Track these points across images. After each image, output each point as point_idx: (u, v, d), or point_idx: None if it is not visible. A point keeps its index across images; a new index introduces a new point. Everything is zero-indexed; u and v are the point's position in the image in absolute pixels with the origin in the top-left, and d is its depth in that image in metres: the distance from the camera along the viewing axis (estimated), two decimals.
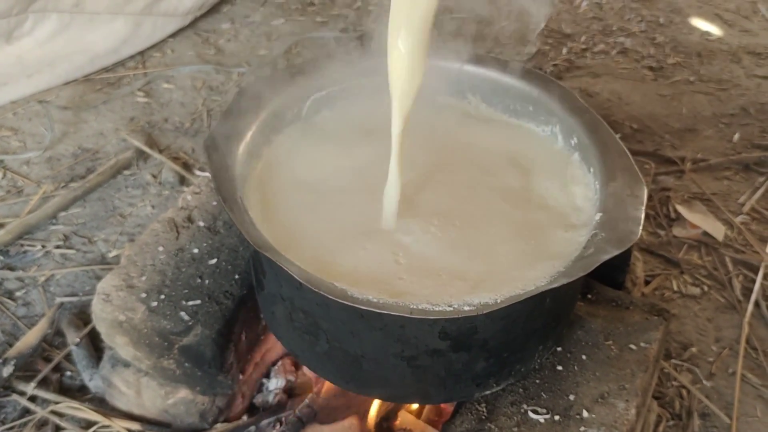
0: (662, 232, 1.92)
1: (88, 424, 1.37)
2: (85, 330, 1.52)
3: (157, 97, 2.39)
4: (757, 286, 1.74)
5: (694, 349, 1.61)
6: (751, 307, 1.70)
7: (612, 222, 0.98)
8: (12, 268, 1.75)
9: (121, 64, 2.53)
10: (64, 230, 1.86)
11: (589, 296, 1.28)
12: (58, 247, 1.81)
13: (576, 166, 1.17)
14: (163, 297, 1.25)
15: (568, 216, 1.09)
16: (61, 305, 1.62)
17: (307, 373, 1.43)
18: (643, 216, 0.97)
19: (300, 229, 1.04)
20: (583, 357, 1.15)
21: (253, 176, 1.13)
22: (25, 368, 1.47)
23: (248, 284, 1.27)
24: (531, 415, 1.06)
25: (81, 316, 1.58)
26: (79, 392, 1.46)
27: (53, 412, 1.40)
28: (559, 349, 1.15)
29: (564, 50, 2.74)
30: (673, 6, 3.07)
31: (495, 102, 1.29)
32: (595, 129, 1.15)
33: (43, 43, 2.29)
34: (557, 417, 1.06)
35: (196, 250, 1.33)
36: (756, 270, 1.79)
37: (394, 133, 1.01)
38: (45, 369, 1.48)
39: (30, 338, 1.50)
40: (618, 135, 1.12)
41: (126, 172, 2.06)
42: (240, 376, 1.32)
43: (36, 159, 2.09)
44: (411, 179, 1.13)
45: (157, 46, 2.63)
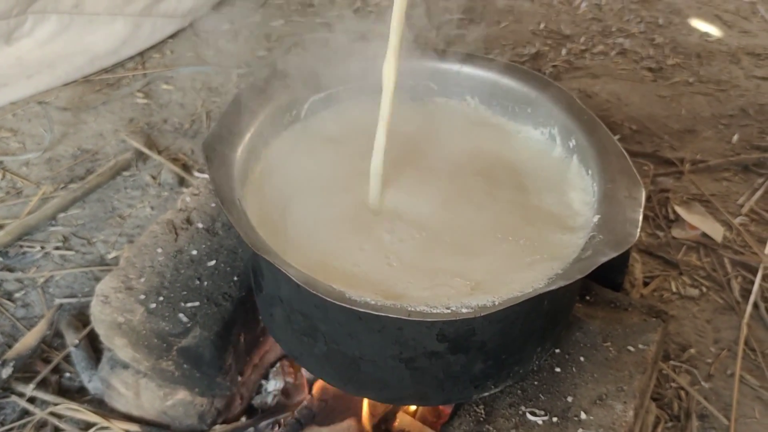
0: (661, 234, 1.92)
1: (87, 425, 1.38)
2: (84, 331, 1.52)
3: (157, 98, 2.39)
4: (755, 288, 1.74)
5: (692, 351, 1.61)
6: (749, 308, 1.70)
7: (610, 224, 0.98)
8: (11, 270, 1.75)
9: (120, 65, 2.53)
10: (63, 231, 1.86)
11: (588, 298, 1.28)
12: (57, 248, 1.81)
13: (574, 168, 1.17)
14: (161, 298, 1.25)
15: (566, 218, 1.09)
16: (60, 306, 1.62)
17: (305, 374, 1.43)
18: (641, 218, 0.97)
19: (298, 231, 1.04)
20: (582, 359, 1.15)
21: (252, 178, 1.13)
22: (24, 369, 1.47)
23: (247, 286, 1.27)
24: (529, 416, 1.06)
25: (80, 318, 1.59)
26: (78, 393, 1.47)
27: (52, 413, 1.40)
28: (557, 350, 1.16)
29: (563, 51, 2.74)
30: (672, 7, 3.07)
31: (493, 104, 1.29)
32: (593, 131, 1.15)
33: (43, 44, 2.29)
34: (555, 419, 1.06)
35: (194, 252, 1.33)
36: (755, 271, 1.79)
37: (385, 86, 1.00)
38: (44, 370, 1.48)
39: (29, 339, 1.50)
40: (617, 136, 1.13)
41: (125, 173, 2.07)
42: (239, 378, 1.32)
43: (35, 160, 2.09)
44: (409, 180, 1.13)
45: (157, 47, 2.63)
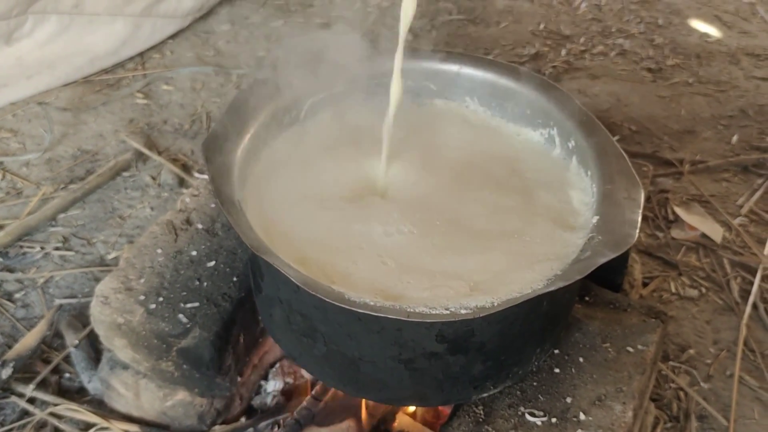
0: (660, 234, 1.92)
1: (87, 425, 1.38)
2: (84, 332, 1.52)
3: (157, 98, 2.39)
4: (755, 288, 1.74)
5: (691, 351, 1.61)
6: (748, 309, 1.70)
7: (609, 225, 0.98)
8: (11, 270, 1.75)
9: (120, 65, 2.53)
10: (63, 232, 1.86)
11: (587, 298, 1.28)
12: (57, 248, 1.81)
13: (573, 169, 1.17)
14: (161, 299, 1.25)
15: (566, 219, 1.09)
16: (60, 307, 1.62)
17: (305, 375, 1.43)
18: (640, 219, 0.97)
19: (298, 231, 1.05)
20: (581, 359, 1.15)
21: (252, 179, 1.13)
22: (24, 370, 1.47)
23: (246, 287, 1.27)
24: (528, 417, 1.06)
25: (80, 318, 1.59)
26: (77, 394, 1.47)
27: (52, 413, 1.40)
28: (556, 351, 1.16)
29: (563, 52, 2.73)
30: (672, 7, 3.07)
31: (493, 105, 1.30)
32: (592, 132, 1.15)
33: (43, 45, 2.29)
34: (554, 419, 1.06)
35: (194, 253, 1.33)
36: (754, 272, 1.79)
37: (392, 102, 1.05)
38: (44, 371, 1.48)
39: (29, 340, 1.50)
40: (616, 137, 1.13)
41: (125, 173, 2.07)
42: (238, 379, 1.33)
43: (35, 160, 2.09)
44: (409, 181, 1.13)
45: (157, 47, 2.63)
